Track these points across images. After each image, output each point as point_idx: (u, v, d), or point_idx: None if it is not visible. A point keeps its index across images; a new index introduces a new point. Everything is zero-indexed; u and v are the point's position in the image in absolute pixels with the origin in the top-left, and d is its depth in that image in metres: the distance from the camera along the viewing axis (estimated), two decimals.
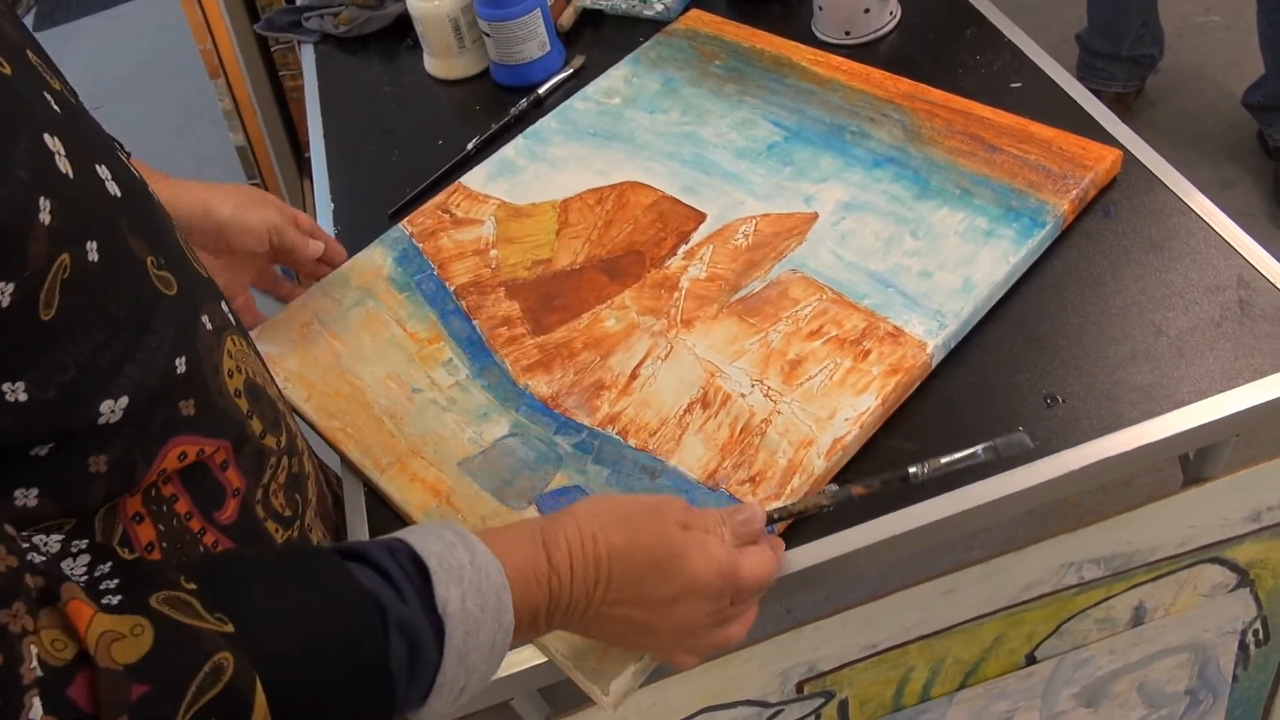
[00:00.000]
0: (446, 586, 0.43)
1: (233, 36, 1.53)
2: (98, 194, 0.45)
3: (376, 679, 0.41)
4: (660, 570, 0.51)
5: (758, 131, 0.87)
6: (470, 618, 0.44)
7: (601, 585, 0.50)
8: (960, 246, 0.73)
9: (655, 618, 0.52)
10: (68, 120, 0.44)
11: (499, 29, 0.99)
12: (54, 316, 0.40)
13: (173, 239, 0.52)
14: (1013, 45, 0.91)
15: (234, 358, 0.54)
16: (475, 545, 0.46)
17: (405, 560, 0.44)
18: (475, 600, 0.44)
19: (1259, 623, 0.85)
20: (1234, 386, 0.64)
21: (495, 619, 0.45)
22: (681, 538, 0.52)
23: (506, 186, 0.89)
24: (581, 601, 0.49)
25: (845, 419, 0.65)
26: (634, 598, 0.51)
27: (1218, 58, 1.94)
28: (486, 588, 0.45)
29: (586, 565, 0.49)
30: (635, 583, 0.51)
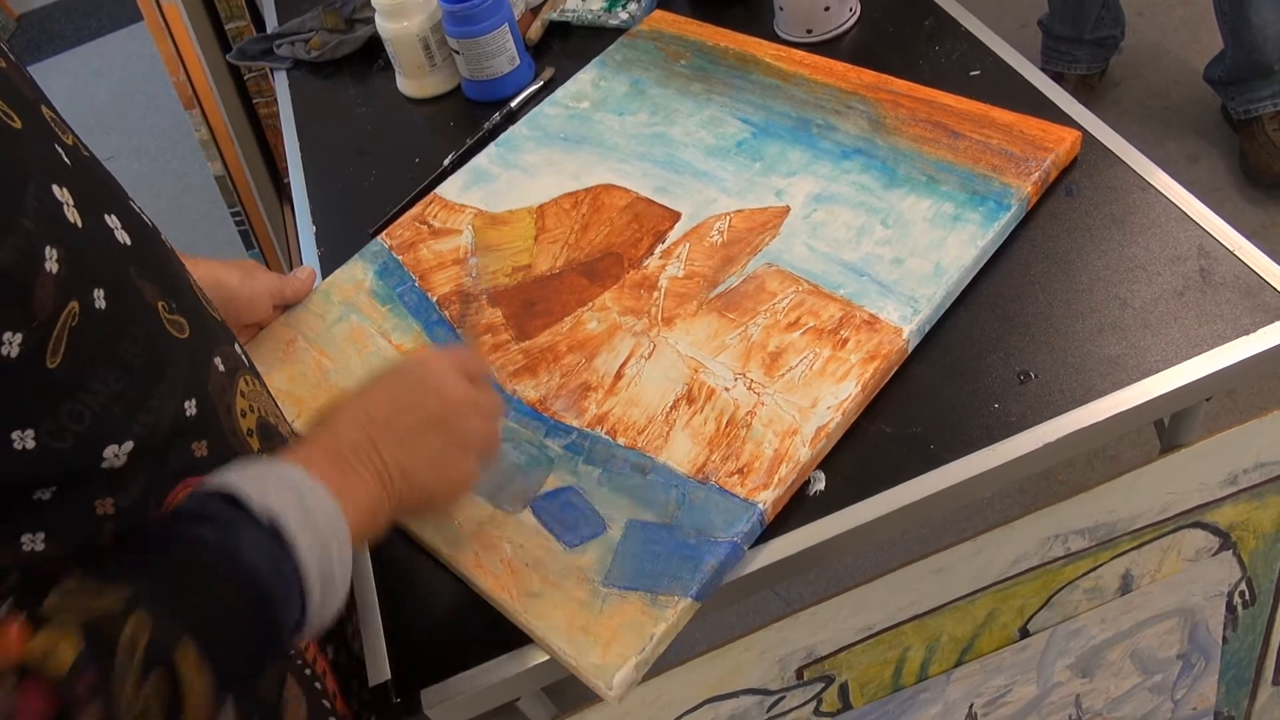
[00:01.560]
0: (260, 497, 0.47)
1: (205, 68, 1.54)
2: (106, 243, 0.46)
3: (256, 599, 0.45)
4: (398, 369, 0.60)
5: (726, 129, 0.88)
6: (291, 508, 0.47)
7: (361, 411, 0.56)
8: (929, 232, 0.75)
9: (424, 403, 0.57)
10: (78, 172, 0.46)
11: (468, 46, 1.00)
12: (60, 364, 0.41)
13: (185, 284, 0.53)
14: (970, 34, 0.93)
15: (247, 398, 0.56)
16: (257, 461, 0.50)
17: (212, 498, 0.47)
18: (291, 494, 0.48)
19: (1244, 584, 0.86)
20: (1199, 353, 0.66)
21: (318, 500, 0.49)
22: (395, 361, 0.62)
23: (482, 195, 0.90)
24: (360, 434, 0.54)
25: (827, 407, 0.67)
26: (393, 401, 0.57)
27: (1178, 35, 1.97)
28: (294, 479, 0.49)
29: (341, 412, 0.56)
30: (385, 390, 0.58)
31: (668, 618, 0.60)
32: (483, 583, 0.65)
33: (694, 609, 0.62)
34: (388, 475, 0.54)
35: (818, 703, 0.76)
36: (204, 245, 2.22)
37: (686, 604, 0.61)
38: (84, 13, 3.20)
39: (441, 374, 0.59)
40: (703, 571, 0.62)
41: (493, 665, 0.63)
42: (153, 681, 0.39)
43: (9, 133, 0.41)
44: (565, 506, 0.67)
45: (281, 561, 0.46)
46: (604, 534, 0.65)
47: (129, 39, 3.00)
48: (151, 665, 0.39)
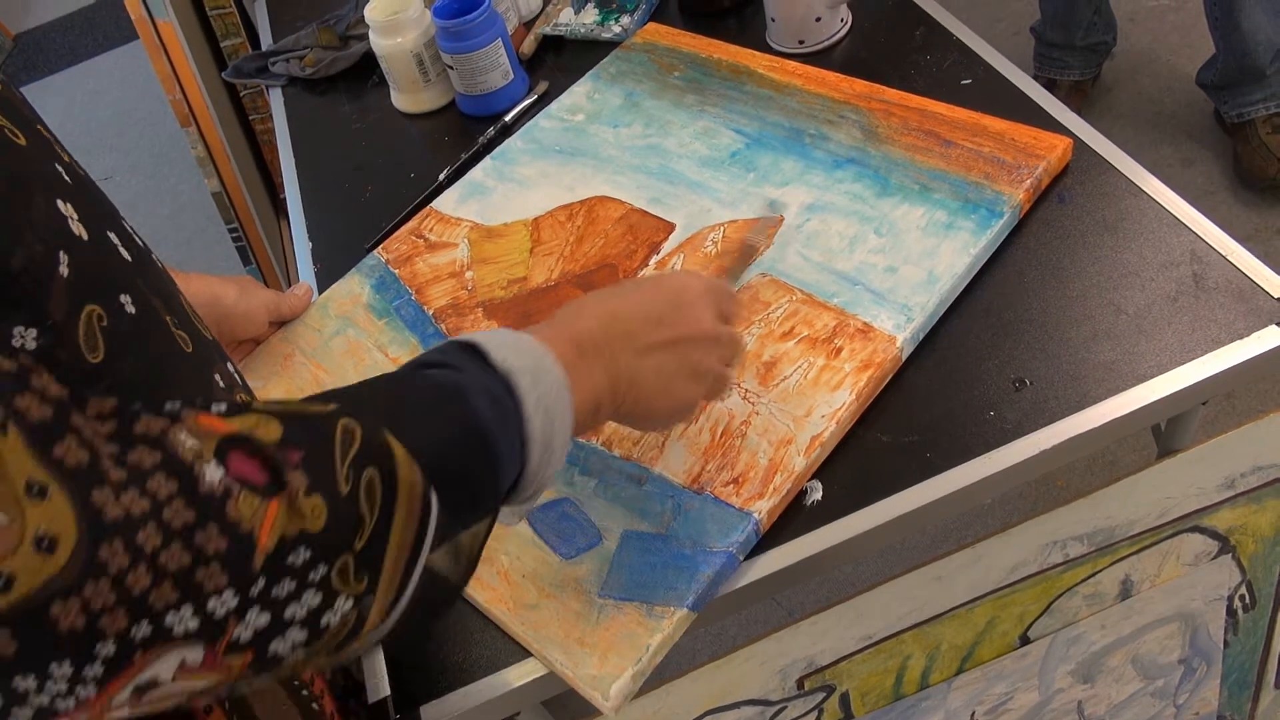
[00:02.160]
0: (500, 352, 0.48)
1: (201, 85, 1.54)
2: (113, 256, 0.47)
3: (476, 437, 0.45)
4: (651, 284, 0.59)
5: (720, 140, 0.89)
6: (527, 370, 0.48)
7: (609, 315, 0.56)
8: (922, 241, 0.75)
9: (670, 327, 0.57)
10: (78, 189, 0.46)
11: (462, 61, 1.01)
12: (104, 361, 0.42)
13: (180, 302, 0.54)
14: (961, 43, 0.93)
15: None
16: (505, 331, 0.51)
17: (454, 350, 0.49)
18: (526, 358, 0.49)
19: (1244, 588, 0.86)
20: (1193, 358, 0.66)
21: (549, 370, 0.50)
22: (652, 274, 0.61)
23: (478, 208, 0.91)
24: (603, 335, 0.55)
25: (822, 416, 0.67)
26: (642, 314, 0.57)
27: (1170, 40, 1.98)
28: (529, 348, 0.50)
29: (587, 310, 0.56)
30: (637, 302, 0.58)
31: (664, 629, 0.60)
32: (479, 595, 0.65)
33: (690, 619, 0.62)
34: (618, 378, 0.55)
35: (819, 713, 0.75)
36: (201, 261, 2.22)
37: (683, 614, 0.61)
38: (80, 31, 3.21)
39: (696, 300, 0.59)
40: (698, 582, 0.62)
41: (492, 680, 0.63)
42: (366, 477, 0.39)
43: (15, 148, 0.42)
44: (561, 518, 0.67)
45: (509, 414, 0.47)
46: (600, 545, 0.65)
47: (125, 57, 3.01)
48: (365, 462, 0.39)
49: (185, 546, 0.33)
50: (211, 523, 0.34)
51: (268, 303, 0.82)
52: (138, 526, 0.33)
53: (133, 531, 0.33)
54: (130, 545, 0.32)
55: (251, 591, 0.35)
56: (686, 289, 0.59)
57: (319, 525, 0.37)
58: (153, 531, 0.33)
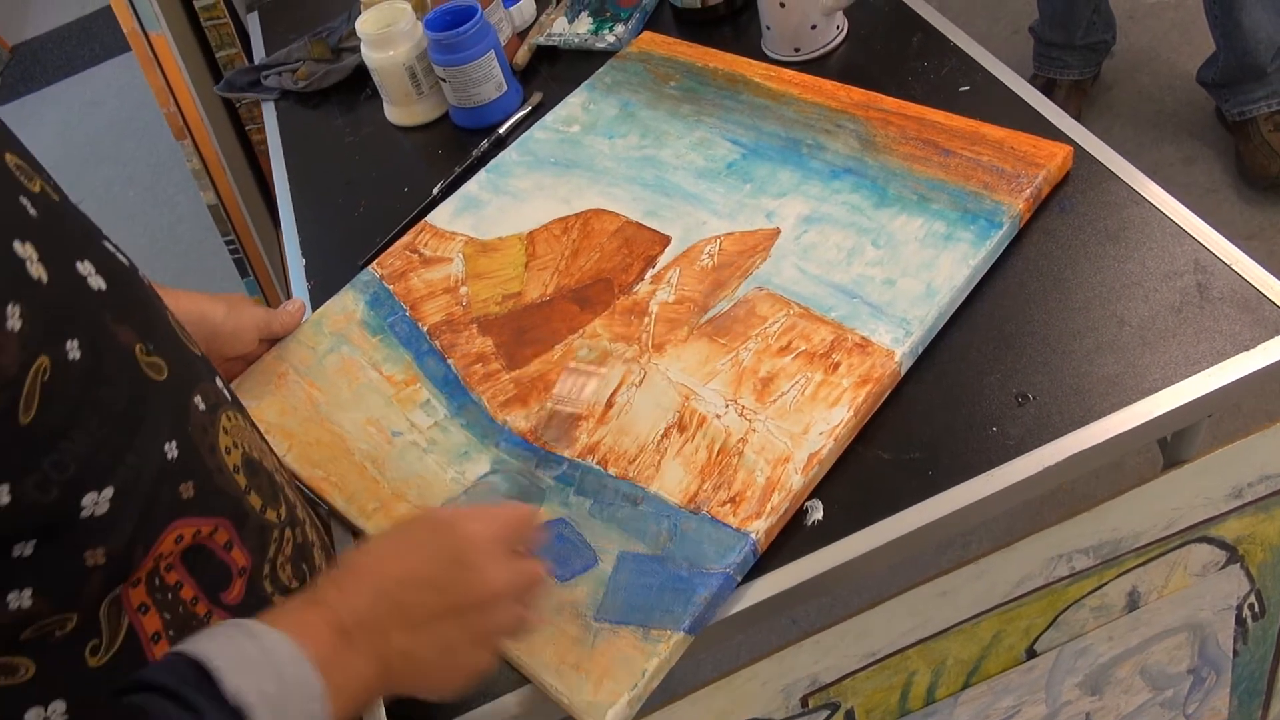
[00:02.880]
0: (236, 678, 0.43)
1: (195, 97, 1.54)
2: (78, 292, 0.45)
3: None
4: (430, 538, 0.54)
5: (716, 150, 0.88)
6: (270, 699, 0.43)
7: (380, 586, 0.51)
8: (921, 252, 0.74)
9: (451, 592, 0.52)
10: (44, 222, 0.44)
11: (455, 73, 1.00)
12: (33, 419, 0.40)
13: (162, 321, 0.53)
14: (959, 49, 0.92)
15: (230, 434, 0.55)
16: (255, 629, 0.46)
17: (187, 671, 0.44)
18: (271, 681, 0.44)
19: (1253, 596, 0.85)
20: (1198, 371, 0.65)
21: (300, 690, 0.45)
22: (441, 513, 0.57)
23: (472, 222, 0.90)
24: (372, 615, 0.50)
25: (820, 433, 0.66)
26: (419, 580, 0.52)
27: (1170, 37, 1.96)
28: (281, 661, 0.45)
29: (359, 579, 0.51)
30: (413, 565, 0.52)
31: (660, 652, 0.59)
32: None
33: (687, 643, 0.61)
34: (390, 660, 0.50)
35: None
36: (200, 272, 2.22)
37: (679, 638, 0.60)
38: (77, 42, 3.22)
39: (481, 553, 0.53)
40: (695, 604, 0.61)
41: (489, 708, 0.62)
42: None
43: None
44: (557, 539, 0.66)
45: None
46: (596, 567, 0.64)
47: (122, 67, 3.01)
48: None
49: None
50: None
51: (257, 320, 0.81)
52: None
53: None
54: None
55: None
56: (471, 542, 0.53)
57: None
58: None
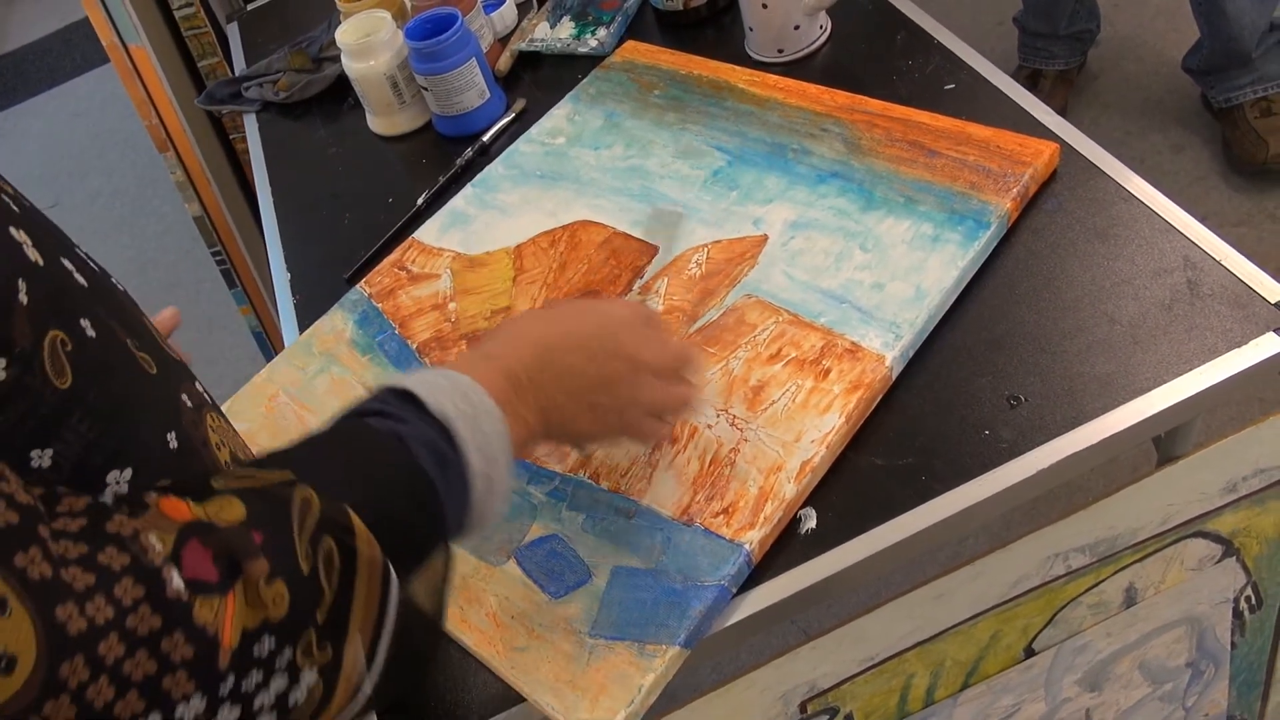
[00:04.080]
0: (435, 398, 0.49)
1: (177, 108, 1.52)
2: (70, 282, 0.47)
3: (420, 486, 0.46)
4: (587, 316, 0.60)
5: (702, 158, 0.87)
6: (465, 415, 0.49)
7: (544, 348, 0.56)
8: (909, 255, 0.74)
9: (605, 364, 0.58)
10: (26, 217, 0.46)
11: (436, 82, 0.99)
12: (71, 385, 0.42)
13: (141, 323, 0.54)
14: (943, 47, 0.91)
15: (217, 432, 0.56)
16: (441, 370, 0.52)
17: (391, 398, 0.49)
18: (463, 402, 0.49)
19: (1250, 589, 0.85)
20: (1191, 368, 0.65)
21: (486, 412, 0.51)
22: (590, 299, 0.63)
23: (460, 237, 0.89)
24: (537, 373, 0.55)
25: (811, 440, 0.66)
26: (577, 347, 0.58)
27: (1155, 25, 1.96)
28: (465, 389, 0.51)
29: (523, 342, 0.57)
30: (572, 335, 0.58)
31: (656, 668, 0.59)
32: (468, 639, 0.63)
33: (684, 656, 0.61)
34: (548, 411, 0.56)
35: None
36: (187, 285, 2.20)
37: (675, 652, 0.60)
38: (58, 53, 3.19)
39: (630, 332, 0.59)
40: (690, 618, 0.60)
41: None
42: (323, 549, 0.40)
43: None
44: (550, 555, 0.66)
45: (450, 463, 0.47)
46: (589, 582, 0.64)
47: (105, 78, 2.99)
48: (322, 533, 0.40)
49: (151, 655, 0.33)
50: (177, 629, 0.34)
51: None
52: (100, 638, 0.32)
53: (95, 644, 0.32)
54: (92, 659, 0.32)
55: (220, 691, 0.35)
56: (622, 321, 0.60)
57: (281, 611, 0.37)
58: (116, 642, 0.32)
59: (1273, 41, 1.60)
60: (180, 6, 1.50)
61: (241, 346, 1.98)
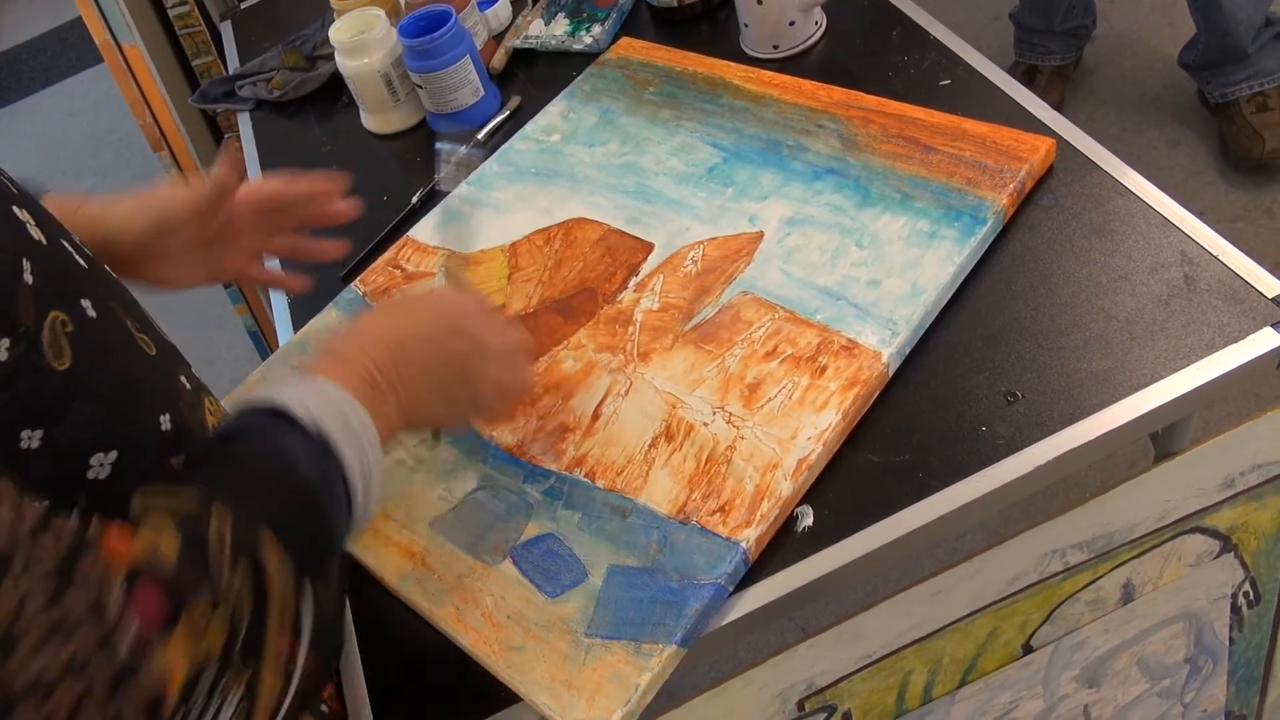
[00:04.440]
0: (303, 409, 0.49)
1: (171, 107, 1.52)
2: (70, 262, 0.47)
3: (312, 496, 0.48)
4: (428, 308, 0.62)
5: (697, 155, 0.87)
6: (335, 422, 0.50)
7: (394, 344, 0.57)
8: (905, 251, 0.74)
9: (455, 349, 0.59)
10: (26, 199, 0.47)
11: (431, 80, 0.99)
12: (70, 368, 0.43)
13: (139, 309, 0.54)
14: (939, 42, 0.91)
15: (215, 415, 0.56)
16: (301, 378, 0.53)
17: (263, 414, 0.50)
18: (328, 409, 0.50)
19: (1248, 584, 0.85)
20: (1188, 364, 0.65)
21: (353, 414, 0.52)
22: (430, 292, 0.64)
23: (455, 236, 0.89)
24: (393, 368, 0.56)
25: (808, 438, 0.65)
26: (426, 337, 0.59)
27: (1150, 20, 1.96)
28: (329, 396, 0.52)
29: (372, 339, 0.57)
30: (418, 326, 0.59)
31: (652, 667, 0.59)
32: (464, 639, 0.63)
33: (680, 655, 0.60)
34: (406, 403, 0.57)
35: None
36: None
37: (671, 651, 0.59)
38: (53, 53, 3.19)
39: (470, 320, 0.61)
40: (687, 617, 0.60)
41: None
42: (241, 569, 0.41)
43: None
44: (546, 554, 0.65)
45: (331, 469, 0.49)
46: (585, 581, 0.63)
47: (99, 77, 2.98)
48: (239, 554, 0.41)
49: (101, 706, 0.34)
50: (133, 675, 0.35)
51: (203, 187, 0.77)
52: (52, 689, 0.33)
53: (46, 696, 0.33)
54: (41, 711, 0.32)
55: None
56: (460, 309, 0.62)
57: (220, 640, 0.38)
58: (67, 692, 0.33)
59: (1269, 37, 1.60)
60: (174, 5, 1.49)
61: (237, 346, 1.97)
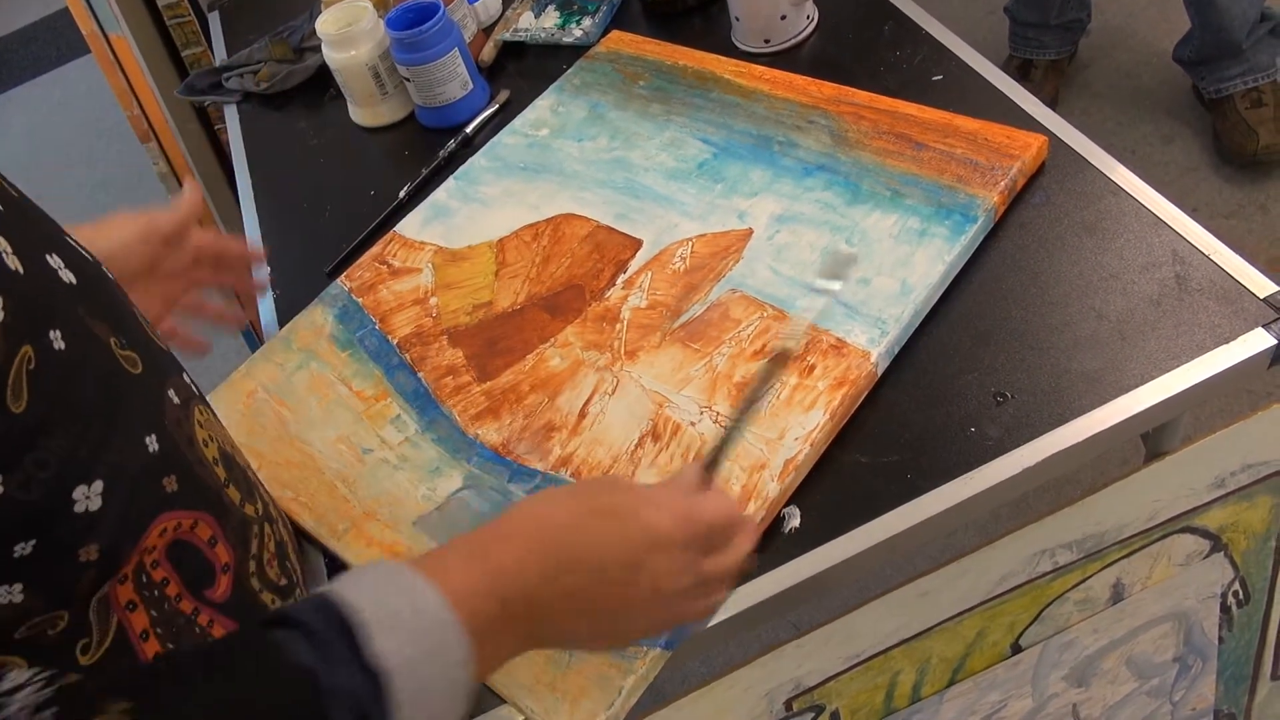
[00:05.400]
0: (384, 639, 0.40)
1: (160, 99, 1.51)
2: (53, 284, 0.45)
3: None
4: (614, 529, 0.48)
5: (687, 150, 0.86)
6: (414, 666, 0.40)
7: (554, 563, 0.46)
8: (895, 249, 0.73)
9: (625, 589, 0.47)
10: (12, 216, 0.44)
11: (418, 73, 0.98)
12: (26, 409, 0.40)
13: (131, 315, 0.52)
14: (931, 38, 0.90)
15: (204, 427, 0.55)
16: (413, 583, 0.43)
17: (333, 616, 0.41)
18: (418, 645, 0.41)
19: (1237, 584, 0.85)
20: (1178, 365, 0.64)
21: (445, 657, 0.42)
22: (628, 494, 0.49)
23: (442, 230, 0.88)
24: (540, 593, 0.46)
25: (795, 438, 0.65)
26: (595, 569, 0.47)
27: (1146, 15, 1.95)
28: (429, 626, 0.42)
29: (530, 547, 0.46)
30: (592, 550, 0.47)
31: (636, 669, 0.58)
32: None
33: (664, 658, 0.60)
34: (543, 636, 0.47)
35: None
36: None
37: (656, 654, 0.59)
38: (43, 42, 3.16)
39: (665, 555, 0.48)
40: None
41: None
42: None
43: None
44: None
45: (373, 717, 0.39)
46: None
47: (90, 67, 2.95)
48: None
49: None
50: None
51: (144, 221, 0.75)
52: None
53: None
54: None
55: None
56: (660, 541, 0.48)
57: None
58: None
59: (1263, 32, 1.59)
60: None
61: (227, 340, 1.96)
